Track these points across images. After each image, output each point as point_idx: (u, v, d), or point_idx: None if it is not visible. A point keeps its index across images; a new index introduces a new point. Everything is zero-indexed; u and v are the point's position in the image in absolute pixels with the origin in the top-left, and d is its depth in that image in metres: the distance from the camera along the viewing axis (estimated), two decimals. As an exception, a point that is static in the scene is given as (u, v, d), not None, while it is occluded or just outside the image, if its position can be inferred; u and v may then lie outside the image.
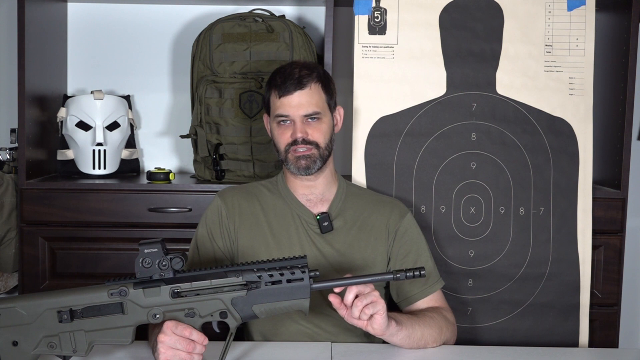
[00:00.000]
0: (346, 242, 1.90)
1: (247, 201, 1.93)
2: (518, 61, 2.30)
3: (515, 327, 2.30)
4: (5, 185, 2.50)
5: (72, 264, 2.43)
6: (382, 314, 1.58)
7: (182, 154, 2.81)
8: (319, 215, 1.89)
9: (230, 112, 2.43)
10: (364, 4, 2.29)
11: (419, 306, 1.89)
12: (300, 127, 1.85)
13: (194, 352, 1.47)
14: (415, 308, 1.89)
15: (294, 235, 1.89)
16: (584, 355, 1.97)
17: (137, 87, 2.79)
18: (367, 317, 1.58)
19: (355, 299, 1.57)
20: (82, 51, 2.79)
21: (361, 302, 1.56)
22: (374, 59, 2.29)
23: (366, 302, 1.57)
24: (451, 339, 1.85)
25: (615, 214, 2.43)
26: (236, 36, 2.46)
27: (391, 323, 1.64)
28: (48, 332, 1.44)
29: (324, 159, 1.88)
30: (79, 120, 2.56)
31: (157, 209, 2.41)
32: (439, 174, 2.29)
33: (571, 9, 2.31)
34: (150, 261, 1.45)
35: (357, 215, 1.94)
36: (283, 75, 1.87)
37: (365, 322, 1.60)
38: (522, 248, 2.30)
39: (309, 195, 1.92)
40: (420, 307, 1.89)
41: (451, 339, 1.85)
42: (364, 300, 1.56)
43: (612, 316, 2.45)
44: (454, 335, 1.87)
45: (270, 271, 1.46)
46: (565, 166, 2.31)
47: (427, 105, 2.29)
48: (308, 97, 1.86)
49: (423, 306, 1.89)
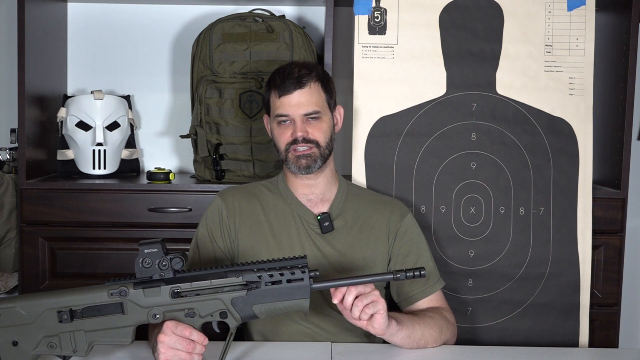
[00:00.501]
0: (347, 242, 1.90)
1: (248, 201, 1.93)
2: (518, 61, 2.30)
3: (515, 327, 2.30)
4: (5, 185, 2.50)
5: (72, 264, 2.43)
6: (382, 314, 1.59)
7: (182, 154, 2.81)
8: (320, 215, 1.89)
9: (230, 112, 2.43)
10: (364, 4, 2.29)
11: (420, 306, 1.89)
12: (300, 126, 1.85)
13: (194, 352, 1.47)
14: (415, 308, 1.89)
15: (295, 235, 1.89)
16: (584, 355, 1.97)
17: (137, 87, 2.79)
18: (367, 316, 1.58)
19: (355, 299, 1.57)
20: (82, 51, 2.79)
21: (362, 302, 1.56)
22: (374, 59, 2.29)
23: (366, 302, 1.57)
24: (451, 339, 1.85)
25: (615, 214, 2.43)
26: (236, 36, 2.46)
27: (391, 322, 1.64)
28: (48, 332, 1.44)
29: (324, 157, 1.88)
30: (79, 120, 2.56)
31: (157, 209, 2.41)
32: (439, 174, 2.29)
33: (571, 9, 2.31)
34: (150, 261, 1.45)
35: (358, 215, 1.94)
36: (282, 75, 1.88)
37: (365, 322, 1.60)
38: (522, 248, 2.30)
39: (310, 195, 1.92)
40: (421, 307, 1.89)
41: (451, 339, 1.85)
42: (364, 300, 1.56)
43: (612, 316, 2.45)
44: (454, 336, 1.87)
45: (270, 271, 1.46)
46: (565, 166, 2.31)
47: (427, 105, 2.29)
48: (308, 96, 1.86)
49: (423, 306, 1.89)
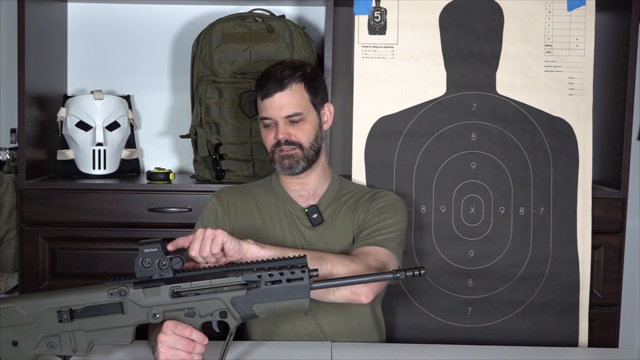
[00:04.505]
0: (334, 232, 1.91)
1: (242, 200, 1.96)
2: (518, 61, 2.30)
3: (515, 327, 2.30)
4: (5, 185, 2.50)
5: (72, 264, 2.43)
6: (227, 241, 1.54)
7: (182, 154, 2.81)
8: (307, 208, 1.91)
9: (230, 112, 2.43)
10: (364, 4, 2.29)
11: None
12: (282, 129, 1.88)
13: (194, 351, 1.47)
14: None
15: (287, 231, 1.92)
16: (584, 355, 1.98)
17: (137, 87, 2.79)
18: (220, 255, 1.55)
19: (200, 249, 1.53)
20: (82, 51, 2.79)
21: (205, 250, 1.53)
22: (374, 59, 2.29)
23: (208, 245, 1.53)
24: (362, 270, 1.70)
25: (615, 214, 2.43)
26: (236, 36, 2.46)
27: (245, 243, 1.58)
28: (48, 332, 1.44)
29: (308, 158, 1.90)
30: (79, 120, 2.56)
31: (157, 209, 2.41)
32: (439, 174, 2.29)
33: (571, 9, 2.31)
34: (150, 261, 1.45)
35: (348, 205, 1.95)
36: (266, 77, 1.90)
37: (222, 259, 1.57)
38: (522, 248, 2.30)
39: (301, 191, 1.96)
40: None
41: (362, 270, 1.70)
42: (205, 248, 1.53)
43: (612, 316, 2.46)
44: (364, 269, 1.71)
45: (270, 271, 1.46)
46: (565, 166, 2.31)
47: (427, 105, 2.29)
48: (289, 98, 1.87)
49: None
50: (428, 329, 2.27)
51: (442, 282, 2.28)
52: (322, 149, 1.95)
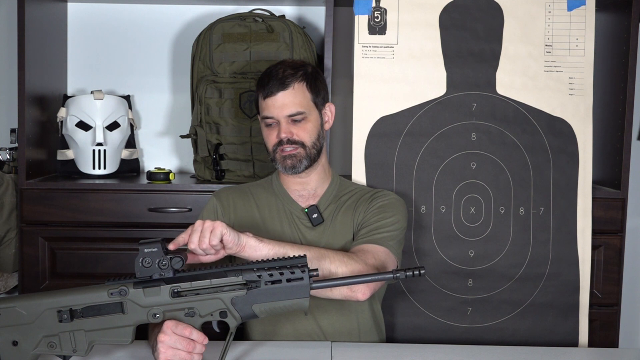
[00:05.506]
0: (334, 231, 1.91)
1: (242, 199, 1.96)
2: (518, 61, 2.30)
3: (515, 327, 2.30)
4: (5, 185, 2.50)
5: (72, 264, 2.43)
6: (225, 232, 1.56)
7: (182, 154, 2.81)
8: (307, 208, 1.91)
9: (230, 112, 2.43)
10: (364, 4, 2.29)
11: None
12: (284, 128, 1.88)
13: (194, 351, 1.47)
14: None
15: (287, 231, 1.92)
16: (584, 355, 1.97)
17: (137, 87, 2.79)
18: (220, 247, 1.56)
19: (199, 242, 1.55)
20: (82, 51, 2.79)
21: (204, 242, 1.54)
22: (374, 59, 2.29)
23: (207, 237, 1.55)
24: (361, 270, 1.71)
25: (615, 214, 2.43)
26: (236, 36, 2.46)
27: (244, 236, 1.60)
28: (48, 332, 1.44)
29: (310, 157, 1.90)
30: (79, 120, 2.56)
31: (157, 209, 2.41)
32: (439, 174, 2.29)
33: (571, 9, 2.31)
34: (150, 261, 1.45)
35: (347, 205, 1.95)
36: (268, 76, 1.90)
37: (221, 251, 1.58)
38: (522, 248, 2.30)
39: (302, 191, 1.96)
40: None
41: (361, 270, 1.71)
42: (204, 240, 1.54)
43: (612, 316, 2.46)
44: (363, 269, 1.71)
45: (270, 270, 1.46)
46: (565, 166, 2.31)
47: (427, 105, 2.29)
48: (291, 97, 1.88)
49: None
50: (428, 329, 2.27)
51: (442, 282, 2.28)
52: (323, 149, 1.95)
